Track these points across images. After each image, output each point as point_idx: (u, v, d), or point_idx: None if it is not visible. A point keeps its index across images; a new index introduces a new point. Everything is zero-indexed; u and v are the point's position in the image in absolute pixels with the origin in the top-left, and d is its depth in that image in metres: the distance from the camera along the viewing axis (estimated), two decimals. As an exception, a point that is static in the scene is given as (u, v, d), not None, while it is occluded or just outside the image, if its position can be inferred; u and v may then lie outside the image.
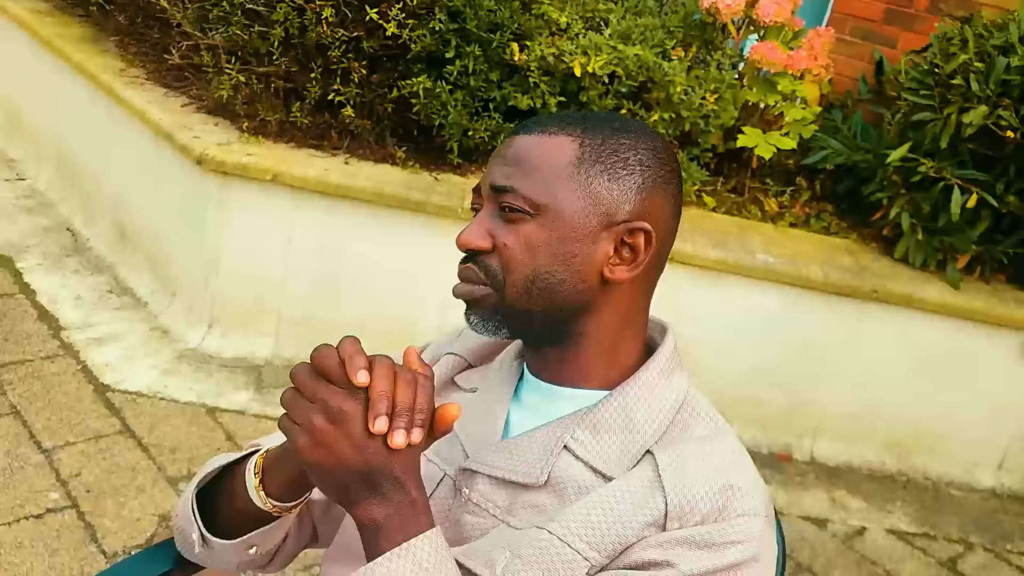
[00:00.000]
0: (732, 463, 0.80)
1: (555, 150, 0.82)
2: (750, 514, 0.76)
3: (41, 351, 2.48)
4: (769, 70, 2.81)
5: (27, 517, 1.90)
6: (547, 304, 0.81)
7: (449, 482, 0.85)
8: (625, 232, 0.82)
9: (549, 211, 0.80)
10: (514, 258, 0.81)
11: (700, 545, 0.74)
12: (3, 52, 3.79)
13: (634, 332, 0.87)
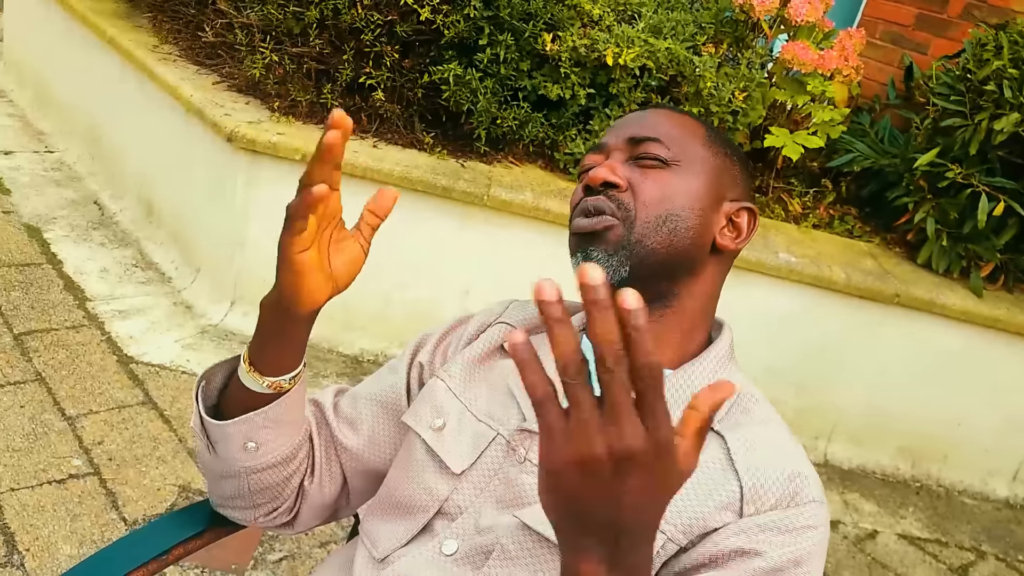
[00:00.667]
0: (796, 451, 0.82)
1: (690, 124, 0.92)
2: (818, 501, 0.79)
3: (66, 321, 2.51)
4: (799, 70, 2.80)
5: (50, 482, 1.93)
6: (669, 247, 0.85)
7: (502, 442, 0.86)
8: (735, 210, 0.90)
9: (684, 166, 0.88)
10: (651, 196, 0.86)
11: (782, 530, 0.75)
12: (36, 26, 3.82)
13: (708, 314, 0.92)
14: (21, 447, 2.00)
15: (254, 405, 0.86)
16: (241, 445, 0.87)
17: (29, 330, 2.42)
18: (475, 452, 0.86)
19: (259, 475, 0.90)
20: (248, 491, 0.91)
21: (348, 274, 0.82)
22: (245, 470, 0.89)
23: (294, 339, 0.84)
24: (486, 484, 0.84)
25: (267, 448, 0.88)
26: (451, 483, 0.86)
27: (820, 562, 0.81)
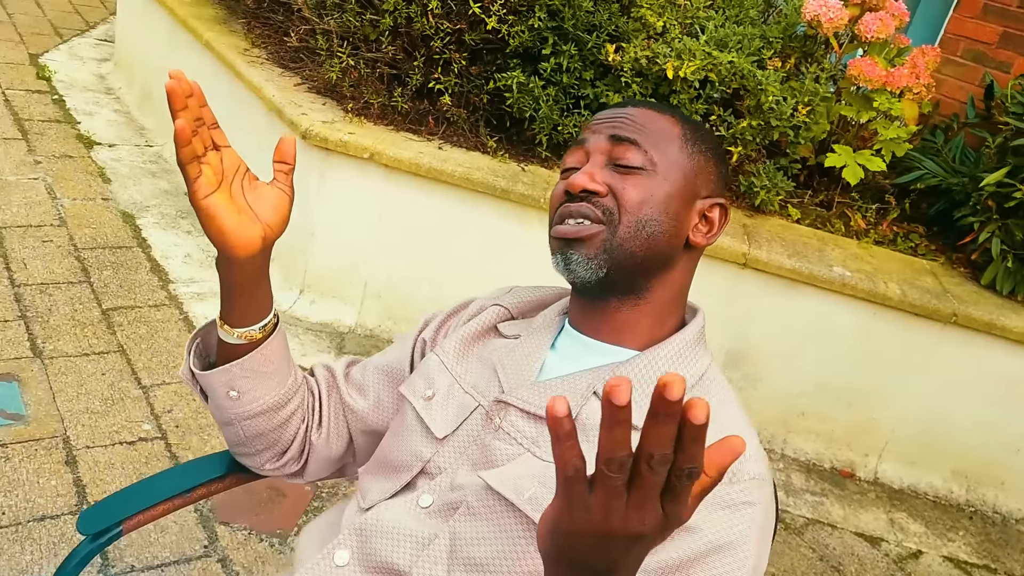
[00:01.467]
0: (745, 431, 0.87)
1: (667, 123, 0.95)
2: (759, 478, 0.83)
3: (149, 299, 2.72)
4: (866, 86, 2.79)
5: (121, 442, 2.11)
6: (647, 249, 0.91)
7: (482, 411, 0.94)
8: (707, 206, 0.95)
9: (661, 170, 0.92)
10: (631, 201, 0.90)
11: (720, 506, 0.80)
12: (144, 30, 4.12)
13: (679, 302, 0.97)
14: (99, 410, 2.19)
15: (236, 357, 0.95)
16: (225, 393, 0.97)
17: (116, 306, 2.64)
18: (458, 420, 0.95)
19: (250, 422, 0.99)
20: (244, 437, 1.01)
21: (277, 215, 0.89)
22: (235, 416, 0.99)
23: (249, 287, 0.91)
24: (465, 448, 0.92)
25: (249, 396, 0.97)
26: (434, 446, 0.94)
27: (765, 538, 0.85)
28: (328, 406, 1.08)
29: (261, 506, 2.02)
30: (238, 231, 0.86)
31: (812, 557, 2.34)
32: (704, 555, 0.79)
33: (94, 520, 0.96)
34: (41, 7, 5.35)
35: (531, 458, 0.88)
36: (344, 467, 1.12)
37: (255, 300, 0.93)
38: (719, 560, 0.79)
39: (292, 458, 1.06)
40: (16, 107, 3.84)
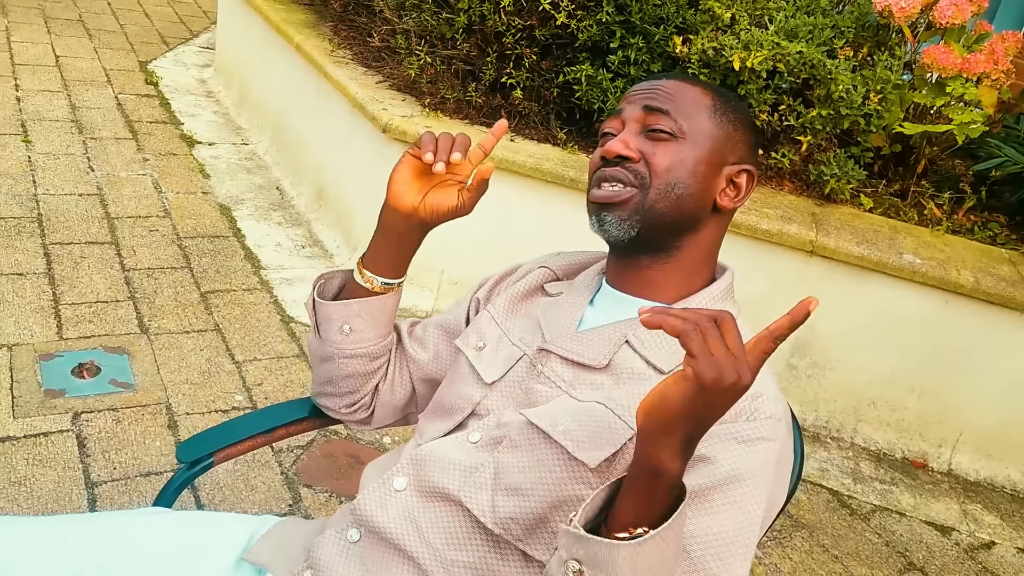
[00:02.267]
0: (763, 377, 0.93)
1: (698, 94, 1.02)
2: (775, 418, 0.91)
3: (243, 284, 2.92)
4: (940, 74, 2.76)
5: (217, 411, 2.30)
6: (675, 210, 0.99)
7: (527, 360, 1.04)
8: (735, 172, 1.03)
9: (690, 137, 1.00)
10: (662, 165, 0.99)
11: (738, 440, 0.88)
12: (241, 36, 4.39)
13: (709, 261, 1.05)
14: (198, 381, 2.38)
15: (356, 295, 1.10)
16: (339, 327, 1.10)
17: (213, 289, 2.85)
18: (505, 367, 1.05)
19: (347, 361, 1.13)
20: (336, 376, 1.15)
21: (434, 208, 1.04)
22: (338, 352, 1.12)
23: (390, 242, 1.07)
24: (511, 392, 1.03)
25: (357, 336, 1.11)
26: (484, 391, 1.05)
27: (781, 474, 0.92)
28: (393, 359, 1.20)
29: (341, 471, 2.17)
30: (400, 188, 1.03)
31: (877, 542, 2.35)
32: (721, 483, 0.86)
33: (191, 450, 1.11)
34: (149, 18, 5.73)
35: (568, 399, 0.97)
36: (407, 416, 1.24)
37: (392, 258, 1.08)
38: (735, 488, 0.86)
39: (363, 406, 1.19)
40: (127, 110, 4.15)
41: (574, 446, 0.92)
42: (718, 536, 0.85)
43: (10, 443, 2.02)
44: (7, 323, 2.45)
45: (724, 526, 0.85)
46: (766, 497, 0.88)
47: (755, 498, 0.87)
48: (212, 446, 1.13)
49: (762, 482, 0.88)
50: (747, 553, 0.86)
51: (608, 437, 0.92)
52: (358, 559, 0.98)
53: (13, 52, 4.55)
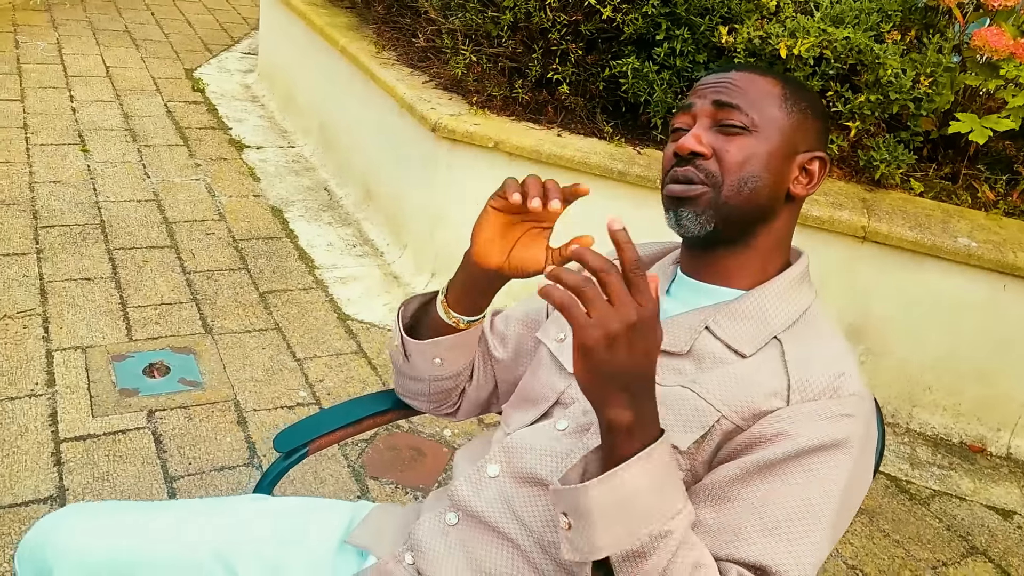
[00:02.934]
0: (845, 356, 0.96)
1: (768, 84, 1.03)
2: (859, 395, 0.93)
3: (299, 284, 2.99)
4: (992, 56, 2.74)
5: (282, 407, 2.36)
6: (749, 203, 1.01)
7: None
8: (807, 160, 1.04)
9: (762, 130, 1.01)
10: (734, 162, 0.99)
11: (822, 417, 0.90)
12: (284, 41, 4.47)
13: (783, 248, 1.07)
14: (262, 379, 2.45)
15: (441, 330, 1.12)
16: (431, 360, 1.15)
17: (271, 290, 2.92)
18: None
19: (440, 382, 1.18)
20: (429, 392, 1.20)
21: (520, 264, 1.02)
22: (431, 378, 1.18)
23: (474, 292, 1.07)
24: None
25: (449, 364, 1.16)
26: (567, 380, 1.08)
27: (867, 451, 0.94)
28: (477, 356, 1.23)
29: (405, 464, 2.23)
30: (484, 246, 1.01)
31: (939, 527, 2.35)
32: (802, 454, 0.89)
33: (287, 441, 1.16)
34: (192, 26, 5.85)
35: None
36: (489, 406, 1.28)
37: (475, 301, 1.09)
38: (816, 458, 0.89)
39: (450, 405, 1.24)
40: (177, 117, 4.25)
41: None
42: (795, 503, 0.87)
43: (91, 441, 2.11)
44: (79, 326, 2.54)
45: (802, 494, 0.88)
46: (848, 470, 0.90)
47: (835, 469, 0.89)
48: (306, 436, 1.18)
49: (842, 455, 0.90)
50: (824, 522, 0.87)
51: (696, 420, 0.94)
52: (457, 540, 1.02)
53: (66, 64, 4.68)
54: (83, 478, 1.99)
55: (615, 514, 0.78)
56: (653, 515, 0.79)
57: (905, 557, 2.21)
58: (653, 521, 0.79)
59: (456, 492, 1.04)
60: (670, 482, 0.81)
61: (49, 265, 2.82)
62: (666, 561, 0.80)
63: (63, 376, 2.31)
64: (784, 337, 0.98)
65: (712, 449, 0.93)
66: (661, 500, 0.80)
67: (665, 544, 0.79)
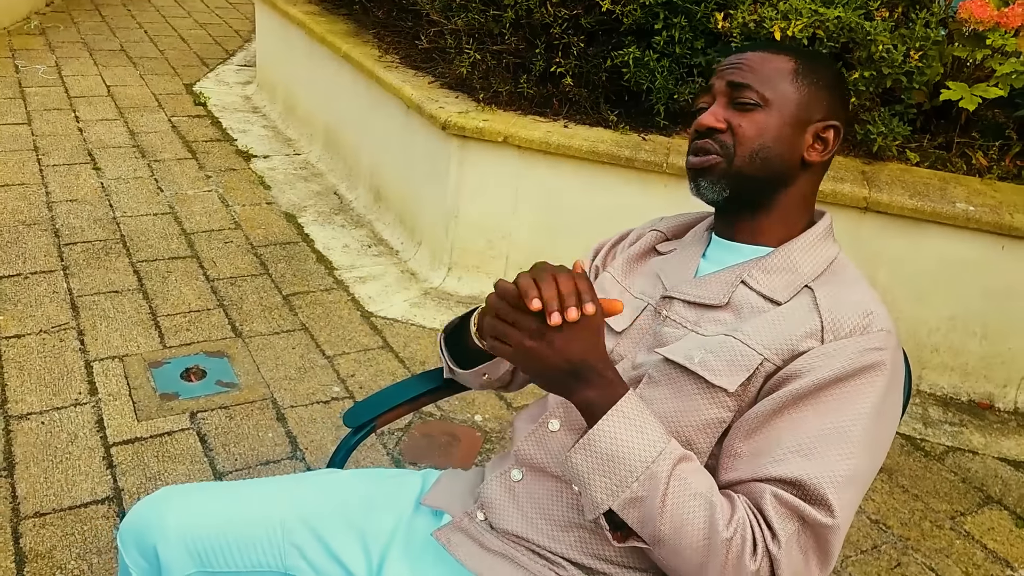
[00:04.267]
0: (871, 297, 1.05)
1: (780, 63, 1.11)
2: (887, 330, 1.02)
3: (320, 285, 3.07)
4: (977, 28, 2.83)
5: (318, 402, 2.45)
6: (763, 171, 1.10)
7: (651, 309, 1.16)
8: (822, 128, 1.12)
9: (774, 104, 1.10)
10: (746, 135, 1.09)
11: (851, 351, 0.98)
12: (282, 50, 4.55)
13: (806, 209, 1.16)
14: (295, 377, 2.54)
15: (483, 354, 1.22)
16: (480, 379, 1.26)
17: (294, 292, 3.00)
18: (632, 317, 1.17)
19: (489, 385, 1.29)
20: (479, 386, 1.30)
21: None
22: (482, 384, 1.28)
23: None
24: (640, 338, 1.15)
25: (494, 375, 1.26)
26: (615, 339, 1.17)
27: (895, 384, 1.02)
28: None
29: (441, 448, 2.31)
30: None
31: (954, 479, 2.44)
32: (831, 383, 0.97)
33: (356, 416, 1.25)
34: (186, 41, 5.92)
35: (695, 336, 1.09)
36: None
37: None
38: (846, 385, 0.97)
39: (500, 381, 1.31)
40: (182, 131, 4.33)
41: (712, 375, 1.03)
42: (826, 426, 0.96)
43: (139, 443, 2.19)
44: (113, 337, 2.61)
45: (833, 418, 0.96)
46: (879, 391, 0.98)
47: (863, 394, 0.97)
48: (373, 412, 1.27)
49: (873, 377, 0.98)
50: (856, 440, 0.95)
51: (741, 363, 1.03)
52: (525, 494, 1.11)
53: (67, 86, 4.75)
54: (136, 479, 2.07)
55: (602, 470, 0.92)
56: (635, 462, 0.91)
57: (925, 510, 2.31)
58: (636, 468, 0.91)
59: (520, 449, 1.13)
60: (646, 426, 0.93)
61: (76, 280, 2.90)
62: (660, 498, 0.91)
63: (104, 384, 2.39)
64: (815, 285, 1.07)
65: (757, 389, 1.02)
66: (641, 441, 0.92)
67: (655, 485, 0.91)
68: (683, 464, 0.94)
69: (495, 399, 2.55)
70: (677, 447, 0.95)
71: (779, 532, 0.91)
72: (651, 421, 0.95)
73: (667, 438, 0.94)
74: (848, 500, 0.94)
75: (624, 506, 0.92)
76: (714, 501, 0.92)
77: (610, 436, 0.92)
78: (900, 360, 1.04)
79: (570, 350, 0.91)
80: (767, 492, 0.93)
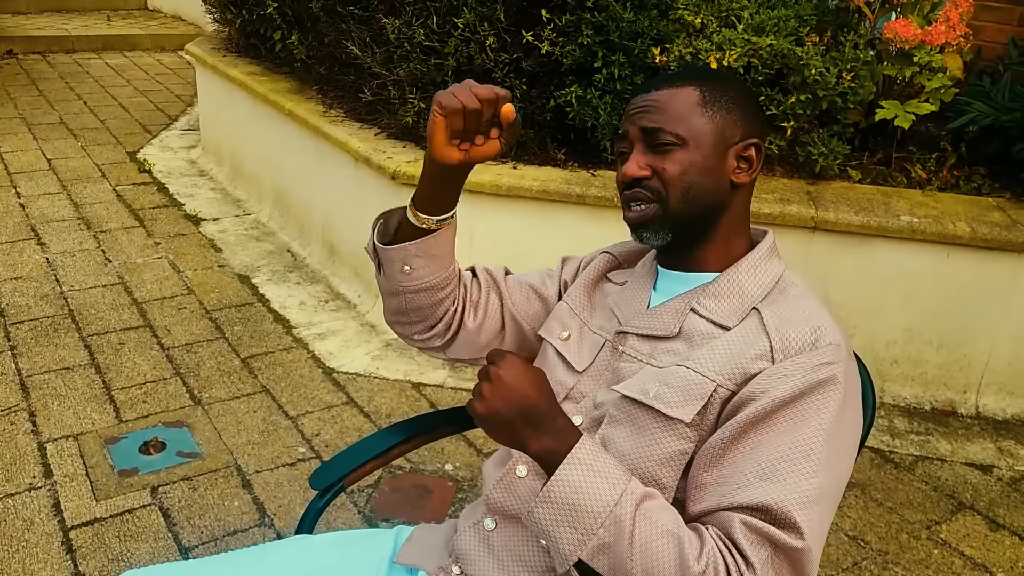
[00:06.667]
0: (819, 312, 1.05)
1: (685, 97, 1.10)
2: (835, 343, 1.02)
3: (279, 345, 3.02)
4: (903, 47, 2.93)
5: (284, 465, 2.39)
6: (698, 206, 1.10)
7: (609, 345, 1.16)
8: (742, 148, 1.12)
9: (691, 140, 1.09)
10: (673, 176, 1.08)
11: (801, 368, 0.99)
12: (225, 112, 4.53)
13: (744, 228, 1.16)
14: (259, 441, 2.48)
15: (413, 238, 1.17)
16: (400, 268, 1.18)
17: (252, 354, 2.95)
18: (592, 355, 1.17)
19: (413, 296, 1.21)
20: (405, 308, 1.23)
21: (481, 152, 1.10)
22: (403, 289, 1.20)
23: (437, 185, 1.13)
24: (600, 375, 1.14)
25: (418, 273, 1.19)
26: (575, 377, 1.16)
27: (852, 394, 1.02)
28: (488, 298, 1.28)
29: (413, 502, 2.27)
30: (442, 149, 1.08)
31: (926, 489, 2.46)
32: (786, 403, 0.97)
33: (323, 477, 1.21)
34: (126, 109, 5.86)
35: (650, 368, 1.09)
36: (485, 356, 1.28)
37: (441, 197, 1.15)
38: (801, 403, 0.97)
39: (438, 334, 1.26)
40: (128, 200, 4.26)
41: (667, 407, 1.03)
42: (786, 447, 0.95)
43: (99, 524, 2.11)
44: (67, 415, 2.53)
45: (791, 438, 0.96)
46: (836, 405, 0.98)
47: (820, 409, 0.97)
48: (340, 472, 1.23)
49: (828, 393, 0.98)
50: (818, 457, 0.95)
51: (695, 392, 1.03)
52: (500, 543, 1.08)
53: (6, 162, 4.66)
54: (98, 561, 1.99)
55: (566, 520, 0.91)
56: (597, 508, 0.91)
57: (900, 522, 2.32)
58: (599, 514, 0.90)
59: (491, 497, 1.10)
60: (604, 469, 0.93)
61: (25, 360, 2.81)
62: (627, 541, 0.90)
63: (59, 466, 2.31)
64: (761, 306, 1.08)
65: (715, 416, 1.02)
66: (601, 486, 0.91)
67: (620, 529, 0.90)
68: (647, 503, 0.93)
69: (465, 447, 2.51)
70: (638, 486, 0.94)
71: (752, 559, 0.90)
72: (609, 463, 0.94)
73: (627, 478, 0.94)
74: (816, 519, 0.93)
75: (593, 554, 0.91)
76: (682, 536, 0.91)
77: (569, 485, 0.91)
78: (854, 371, 1.04)
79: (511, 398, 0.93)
80: (736, 520, 0.93)
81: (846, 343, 1.04)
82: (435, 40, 2.95)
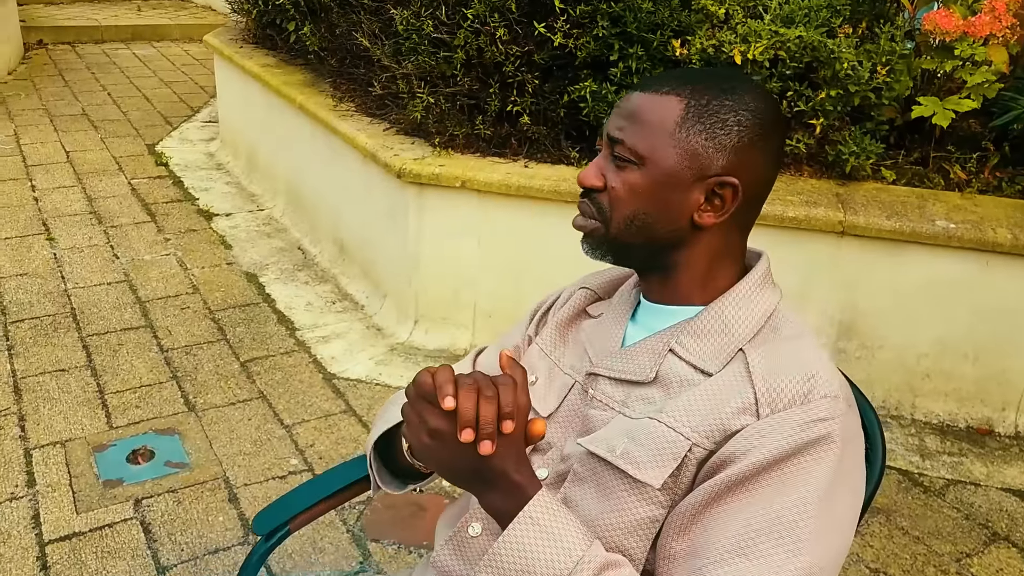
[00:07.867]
0: (814, 357, 0.90)
1: (663, 110, 0.93)
2: (831, 396, 0.87)
3: (280, 348, 2.93)
4: (944, 39, 2.74)
5: (274, 478, 2.29)
6: (644, 239, 0.96)
7: (579, 387, 1.02)
8: (715, 185, 0.93)
9: (650, 162, 0.93)
10: (619, 198, 0.95)
11: (789, 426, 0.84)
12: (243, 105, 4.45)
13: (730, 261, 1.00)
14: (251, 451, 2.38)
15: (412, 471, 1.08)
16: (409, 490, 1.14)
17: (252, 358, 2.86)
18: (559, 398, 1.03)
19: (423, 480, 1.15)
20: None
21: None
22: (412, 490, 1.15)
23: None
24: (569, 422, 1.01)
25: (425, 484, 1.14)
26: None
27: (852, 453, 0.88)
28: None
29: (405, 521, 2.16)
30: None
31: (957, 517, 2.29)
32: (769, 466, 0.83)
33: (266, 522, 1.10)
34: (150, 101, 5.83)
35: (622, 419, 0.95)
36: None
37: None
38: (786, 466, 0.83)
39: None
40: (142, 193, 4.21)
41: (635, 468, 0.89)
42: (765, 518, 0.82)
43: (77, 539, 2.03)
44: (57, 420, 2.46)
45: (772, 507, 0.82)
46: (829, 469, 0.84)
47: (810, 474, 0.83)
48: (285, 515, 1.12)
49: (821, 454, 0.84)
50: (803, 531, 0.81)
51: (667, 451, 0.89)
52: None
53: (25, 155, 4.64)
54: (73, 579, 1.91)
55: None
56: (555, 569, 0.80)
57: (928, 553, 2.15)
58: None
59: (439, 559, 0.98)
60: (561, 531, 0.83)
61: (21, 361, 2.76)
62: None
63: (43, 475, 2.24)
64: (749, 348, 0.93)
65: (690, 478, 0.88)
66: (554, 551, 0.81)
67: None
68: (608, 572, 0.80)
69: (465, 461, 2.40)
70: (599, 552, 0.81)
71: None
72: (567, 525, 0.82)
73: (587, 543, 0.81)
74: None
75: None
76: None
77: (518, 548, 0.80)
78: (855, 427, 0.89)
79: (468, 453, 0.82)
80: None
81: (845, 394, 0.89)
82: (444, 32, 2.82)
